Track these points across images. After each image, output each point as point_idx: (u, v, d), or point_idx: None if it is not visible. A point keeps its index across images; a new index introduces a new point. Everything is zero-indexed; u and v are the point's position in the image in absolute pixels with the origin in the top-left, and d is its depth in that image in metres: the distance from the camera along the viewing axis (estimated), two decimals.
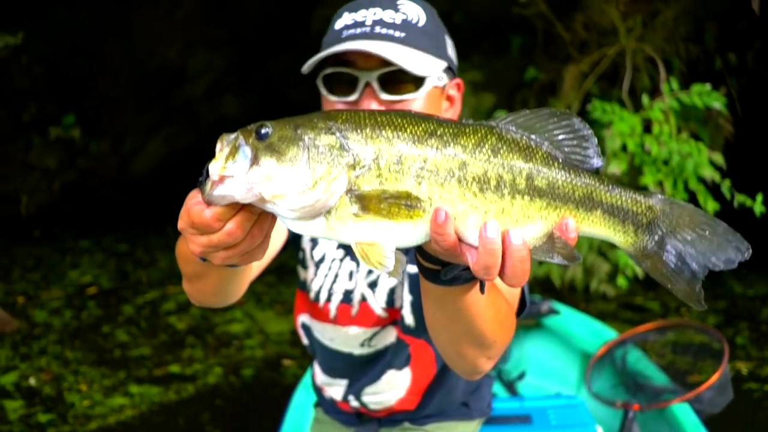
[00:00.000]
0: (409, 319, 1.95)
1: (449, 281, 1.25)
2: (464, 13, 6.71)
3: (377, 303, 1.99)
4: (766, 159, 6.32)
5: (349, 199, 1.05)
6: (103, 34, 7.48)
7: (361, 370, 2.08)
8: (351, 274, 2.02)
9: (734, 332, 5.53)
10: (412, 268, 1.89)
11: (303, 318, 2.18)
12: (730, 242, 1.15)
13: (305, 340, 2.23)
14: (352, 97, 1.73)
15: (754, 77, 6.39)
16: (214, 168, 1.02)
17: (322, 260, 2.07)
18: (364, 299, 2.00)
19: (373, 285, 2.00)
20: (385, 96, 1.71)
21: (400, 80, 1.70)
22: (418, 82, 1.72)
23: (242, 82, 8.70)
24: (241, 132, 1.05)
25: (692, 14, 6.04)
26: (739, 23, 6.23)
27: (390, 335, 2.02)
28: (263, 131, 1.04)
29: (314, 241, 2.07)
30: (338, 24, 1.77)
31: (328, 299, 2.04)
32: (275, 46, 8.19)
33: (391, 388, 2.06)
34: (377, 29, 1.71)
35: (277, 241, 1.97)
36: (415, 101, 1.73)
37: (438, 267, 1.23)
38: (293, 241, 2.09)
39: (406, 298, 1.94)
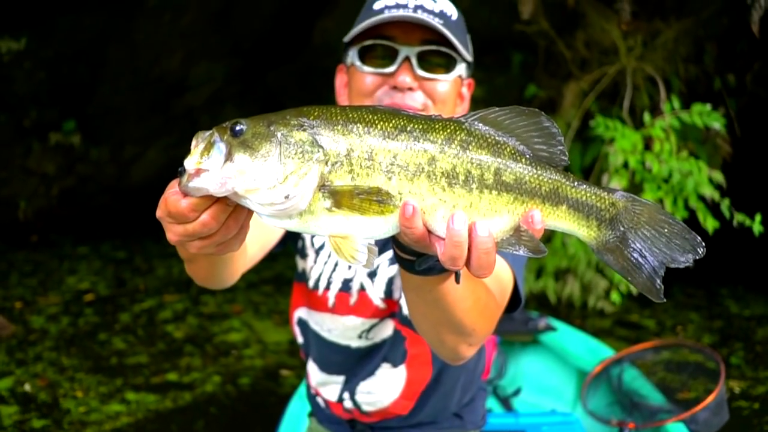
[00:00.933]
0: (406, 309, 1.97)
1: (424, 271, 1.30)
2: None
3: (376, 293, 2.01)
4: (765, 180, 6.36)
5: (322, 194, 1.08)
6: (106, 41, 7.49)
7: (358, 364, 2.10)
8: None
9: (729, 352, 5.55)
10: None
11: (300, 312, 2.20)
12: (686, 240, 1.19)
13: (300, 339, 2.24)
14: (389, 69, 1.83)
15: (752, 98, 6.42)
16: (190, 162, 1.06)
17: (321, 247, 2.10)
18: (362, 288, 2.03)
19: (372, 274, 2.03)
20: (420, 72, 1.82)
21: (435, 60, 1.83)
22: (450, 65, 1.85)
23: (243, 93, 8.72)
24: (217, 129, 1.09)
25: (692, 35, 6.08)
26: (739, 45, 6.27)
27: (387, 328, 2.04)
28: (238, 128, 1.08)
29: None
30: (377, 5, 1.87)
31: (327, 287, 2.07)
32: (277, 58, 8.22)
33: (385, 387, 2.07)
34: (419, 12, 1.80)
35: (273, 233, 1.99)
36: (445, 84, 1.86)
37: (413, 257, 1.29)
38: (291, 233, 2.12)
39: None
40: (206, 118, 8.75)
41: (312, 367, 2.22)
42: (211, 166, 1.06)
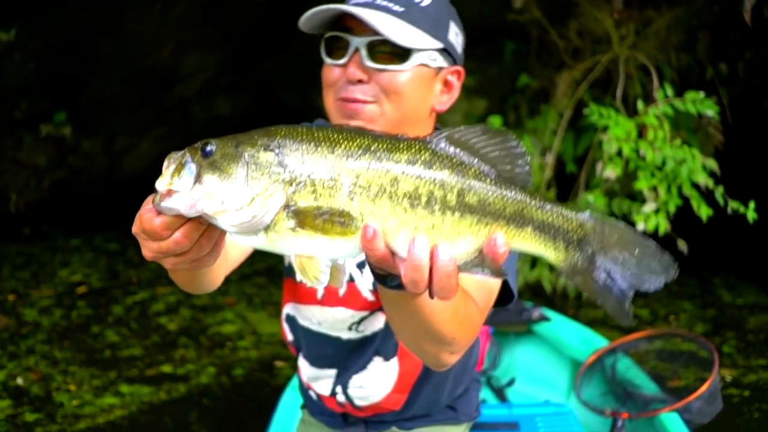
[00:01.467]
0: None
1: (397, 286, 1.28)
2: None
3: (365, 284, 2.01)
4: (757, 168, 6.37)
5: (286, 214, 1.09)
6: (96, 32, 7.44)
7: (349, 357, 2.09)
8: None
9: (721, 341, 5.56)
10: None
11: (288, 308, 2.20)
12: (658, 262, 1.18)
13: (289, 336, 2.24)
14: (342, 61, 1.80)
15: (745, 87, 6.42)
16: (161, 184, 1.08)
17: None
18: (351, 279, 2.02)
19: (361, 265, 2.02)
20: (369, 63, 1.77)
21: (387, 51, 1.75)
22: (404, 56, 1.76)
23: (235, 83, 8.68)
24: (188, 149, 1.11)
25: (684, 24, 6.07)
26: (731, 33, 6.26)
27: (378, 321, 2.04)
28: (208, 148, 1.10)
29: None
30: None
31: None
32: (268, 48, 8.17)
33: (378, 380, 2.07)
34: (379, 1, 1.77)
35: None
36: (400, 74, 1.78)
37: (385, 273, 1.27)
38: None
39: None
40: (198, 108, 8.71)
41: (303, 363, 2.21)
42: (182, 187, 1.08)
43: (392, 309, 1.46)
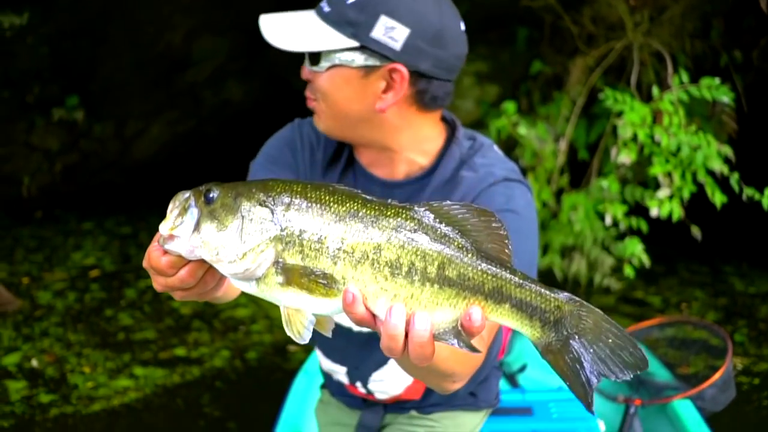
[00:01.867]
0: None
1: None
2: (471, 4, 6.68)
3: None
4: None
5: (275, 269, 1.14)
6: (108, 16, 7.42)
7: (361, 352, 2.09)
8: None
9: (733, 329, 5.56)
10: None
11: None
12: (630, 355, 1.18)
13: None
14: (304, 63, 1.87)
15: (759, 74, 6.39)
16: (164, 227, 1.14)
17: None
18: None
19: None
20: (307, 65, 1.83)
21: (312, 53, 1.79)
22: (316, 58, 1.79)
23: (246, 68, 8.67)
24: (194, 193, 1.16)
25: (699, 10, 6.04)
26: (745, 20, 6.23)
27: None
28: (211, 195, 1.15)
29: None
30: None
31: None
32: None
33: (398, 375, 2.07)
34: (321, 3, 1.81)
35: None
36: (319, 76, 1.81)
37: None
38: None
39: None
40: (209, 93, 8.71)
41: (318, 353, 2.23)
42: (182, 233, 1.13)
43: None
